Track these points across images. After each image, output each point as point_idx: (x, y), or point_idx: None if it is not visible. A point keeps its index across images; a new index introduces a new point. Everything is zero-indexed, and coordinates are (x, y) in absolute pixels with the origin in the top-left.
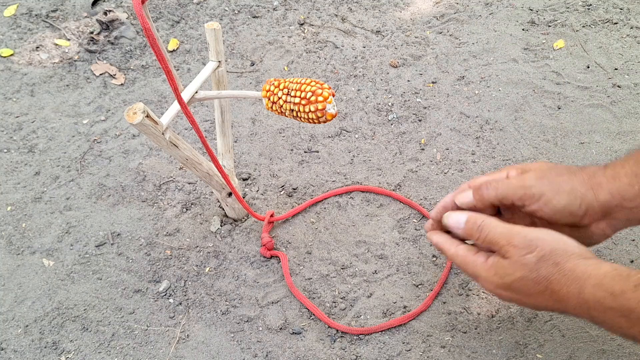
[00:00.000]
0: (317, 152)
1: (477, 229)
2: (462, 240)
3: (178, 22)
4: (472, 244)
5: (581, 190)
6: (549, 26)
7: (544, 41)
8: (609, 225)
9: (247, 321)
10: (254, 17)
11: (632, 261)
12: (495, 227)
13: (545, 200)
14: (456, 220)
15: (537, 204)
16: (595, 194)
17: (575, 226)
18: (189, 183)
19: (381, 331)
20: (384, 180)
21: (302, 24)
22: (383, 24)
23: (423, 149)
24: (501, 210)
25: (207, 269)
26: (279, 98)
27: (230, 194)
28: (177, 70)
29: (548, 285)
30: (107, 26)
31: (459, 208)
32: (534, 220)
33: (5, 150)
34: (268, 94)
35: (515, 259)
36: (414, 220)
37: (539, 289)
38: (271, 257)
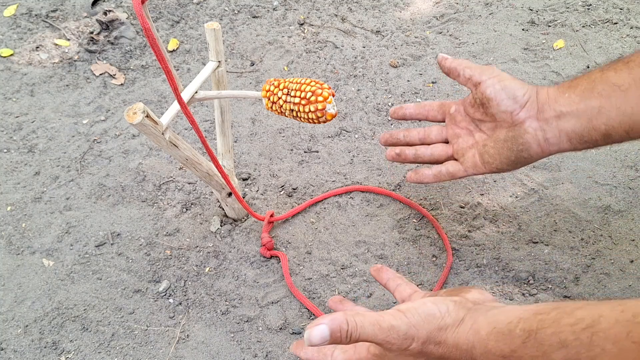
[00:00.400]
0: (317, 152)
1: (347, 336)
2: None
3: (178, 22)
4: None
5: (529, 86)
6: (549, 26)
7: (543, 41)
8: (541, 129)
9: (247, 321)
10: (253, 17)
11: (632, 261)
12: (363, 328)
13: (501, 77)
14: (320, 333)
15: (493, 79)
16: (537, 93)
17: (512, 124)
18: (189, 183)
19: None
20: (383, 180)
21: (302, 24)
22: (383, 24)
23: None
24: (447, 117)
25: (207, 269)
26: (279, 98)
27: (230, 194)
28: (177, 70)
29: (442, 356)
30: (107, 26)
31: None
32: (475, 122)
33: (5, 150)
34: (268, 94)
35: (398, 352)
36: (414, 220)
37: None
38: (271, 257)
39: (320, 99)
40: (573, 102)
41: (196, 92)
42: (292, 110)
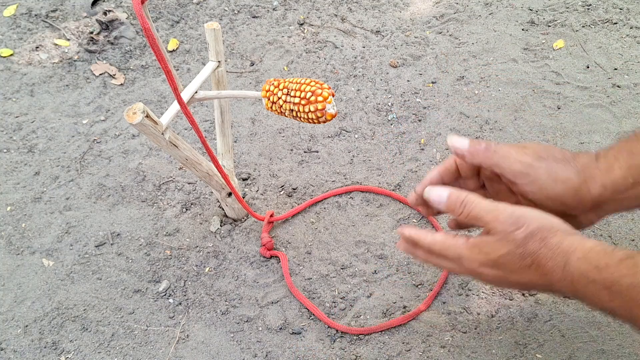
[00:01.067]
0: (317, 152)
1: (461, 204)
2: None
3: (178, 22)
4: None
5: (576, 182)
6: (549, 26)
7: (543, 41)
8: (597, 215)
9: (247, 321)
10: (253, 17)
11: None
12: (479, 203)
13: (540, 185)
14: (438, 194)
15: (530, 186)
16: (588, 188)
17: (564, 215)
18: (189, 183)
19: (381, 331)
20: (383, 180)
21: (301, 24)
22: (383, 24)
23: (423, 149)
24: (485, 184)
25: (207, 269)
26: (279, 98)
27: (230, 194)
28: (177, 70)
29: (534, 260)
30: (107, 26)
31: (444, 184)
32: (519, 199)
33: (5, 150)
34: (268, 94)
35: (501, 235)
36: (414, 220)
37: (524, 263)
38: (271, 257)
39: (320, 99)
40: (637, 182)
41: (196, 92)
42: (292, 110)
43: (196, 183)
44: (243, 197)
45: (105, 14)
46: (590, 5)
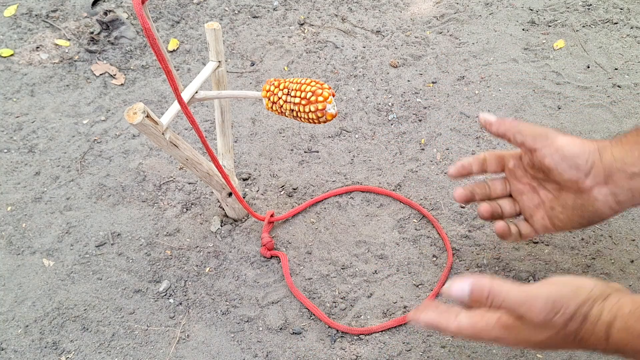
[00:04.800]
0: (317, 152)
1: (487, 298)
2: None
3: (178, 22)
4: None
5: (589, 147)
6: (549, 26)
7: (544, 41)
8: (612, 193)
9: (247, 321)
10: (254, 17)
11: (632, 261)
12: (508, 293)
13: (557, 145)
14: (460, 288)
15: (549, 148)
16: (600, 155)
17: (579, 191)
18: (189, 183)
19: (381, 331)
20: (384, 180)
21: (302, 24)
22: (383, 24)
23: (423, 149)
24: (510, 183)
25: (207, 269)
26: (279, 98)
27: (230, 194)
28: (177, 70)
29: (576, 337)
30: (107, 26)
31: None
32: (538, 180)
33: (5, 150)
34: (268, 94)
35: (540, 324)
36: (414, 220)
37: (568, 340)
38: (271, 257)
39: (320, 99)
40: None
41: (196, 92)
42: (293, 110)
43: (196, 183)
44: (243, 197)
45: (105, 14)
46: (590, 5)
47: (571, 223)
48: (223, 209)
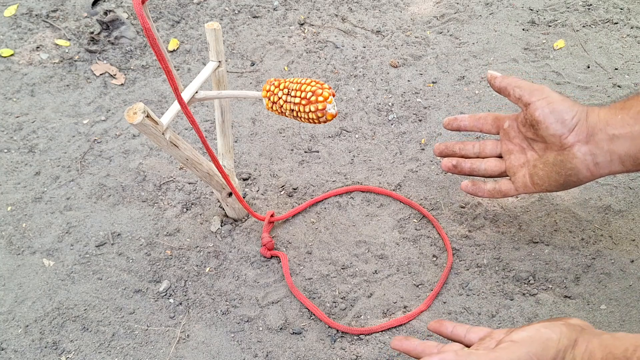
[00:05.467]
0: (318, 152)
1: None
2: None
3: (178, 22)
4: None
5: (579, 107)
6: (549, 26)
7: (544, 41)
8: (591, 153)
9: (248, 321)
10: (254, 17)
11: (632, 261)
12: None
13: (550, 99)
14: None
15: (542, 101)
16: (587, 115)
17: (561, 147)
18: (189, 183)
19: (381, 331)
20: (384, 180)
21: (302, 24)
22: (383, 24)
23: (423, 149)
24: (502, 142)
25: (208, 269)
26: (279, 98)
27: (230, 194)
28: (177, 70)
29: None
30: (107, 26)
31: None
32: (528, 140)
33: (5, 150)
34: (268, 94)
35: None
36: (414, 220)
37: None
38: (271, 257)
39: (320, 99)
40: (627, 124)
41: (196, 92)
42: (293, 110)
43: (197, 183)
44: (243, 197)
45: (105, 13)
46: (590, 5)
47: (549, 180)
48: (223, 209)
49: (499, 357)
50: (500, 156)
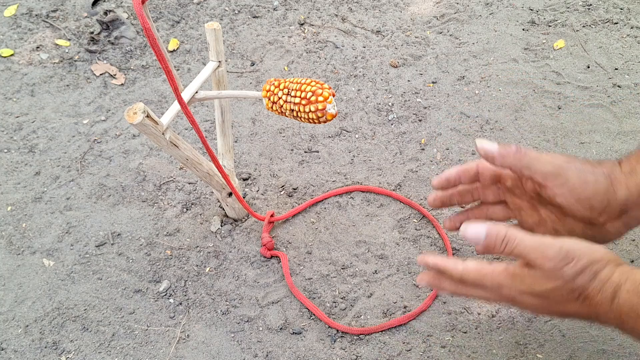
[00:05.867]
0: (317, 152)
1: (502, 242)
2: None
3: (178, 22)
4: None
5: (604, 184)
6: (549, 26)
7: (544, 41)
8: (624, 224)
9: (248, 321)
10: (254, 17)
11: (632, 261)
12: (523, 240)
13: (570, 186)
14: (475, 231)
15: (560, 188)
16: (615, 191)
17: (590, 223)
18: (189, 183)
19: (381, 331)
20: (384, 180)
21: (302, 24)
22: (383, 24)
23: (423, 149)
24: (507, 199)
25: (208, 269)
26: (279, 98)
27: (230, 194)
28: (177, 70)
29: (582, 293)
30: (107, 26)
31: (456, 185)
32: (541, 216)
33: (5, 150)
34: (268, 94)
35: (549, 271)
36: (414, 220)
37: (572, 296)
38: (271, 257)
39: (320, 99)
40: None
41: (196, 92)
42: (293, 110)
43: (196, 183)
44: (243, 197)
45: (105, 13)
46: (590, 5)
47: None
48: (223, 209)
49: (544, 238)
50: (503, 201)
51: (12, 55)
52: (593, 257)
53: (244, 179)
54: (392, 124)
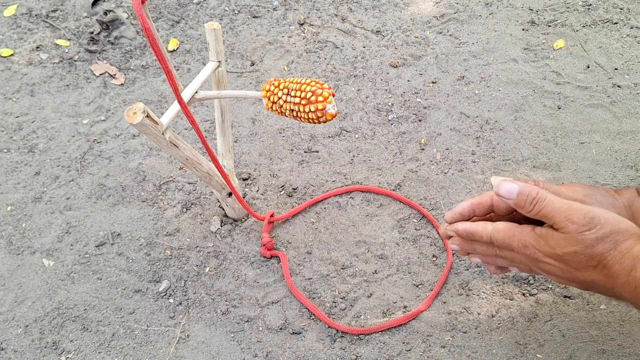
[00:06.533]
0: (317, 152)
1: (532, 201)
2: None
3: (178, 22)
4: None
5: (626, 215)
6: (549, 26)
7: (544, 41)
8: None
9: (247, 321)
10: (254, 17)
11: None
12: (552, 202)
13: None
14: (508, 189)
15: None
16: (637, 221)
17: None
18: (189, 183)
19: (381, 331)
20: (384, 180)
21: (302, 24)
22: (383, 24)
23: (423, 149)
24: (522, 221)
25: (207, 269)
26: (279, 98)
27: (230, 194)
28: (177, 70)
29: (601, 261)
30: (107, 26)
31: (470, 219)
32: None
33: (5, 150)
34: (268, 94)
35: (572, 234)
36: (414, 220)
37: (591, 264)
38: (271, 257)
39: (320, 99)
40: None
41: (196, 92)
42: (293, 110)
43: (196, 183)
44: (243, 197)
45: (105, 14)
46: (590, 5)
47: None
48: (223, 209)
49: (572, 202)
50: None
51: (12, 55)
52: (617, 227)
53: (244, 179)
54: (392, 124)
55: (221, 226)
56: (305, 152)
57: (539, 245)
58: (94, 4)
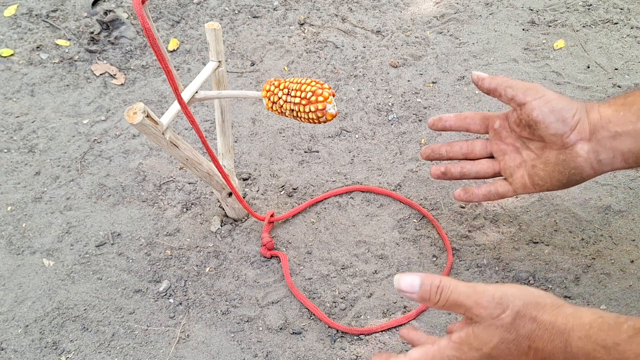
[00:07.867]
0: (317, 152)
1: (436, 291)
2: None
3: (178, 22)
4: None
5: (578, 104)
6: (549, 26)
7: (544, 41)
8: (594, 151)
9: (247, 321)
10: (254, 17)
11: (632, 261)
12: (457, 287)
13: (547, 98)
14: (409, 282)
15: (538, 101)
16: (587, 112)
17: (563, 146)
18: (189, 183)
19: (381, 331)
20: (384, 180)
21: (302, 24)
22: (383, 24)
23: None
24: (492, 143)
25: (207, 269)
26: (279, 98)
27: (230, 194)
28: (177, 70)
29: (531, 345)
30: (107, 26)
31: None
32: (522, 139)
33: (5, 150)
34: (268, 94)
35: (488, 322)
36: (414, 220)
37: (522, 350)
38: (271, 257)
39: (320, 99)
40: (629, 121)
41: (196, 92)
42: (293, 110)
43: (196, 183)
44: (243, 197)
45: (105, 13)
46: (590, 5)
47: (551, 180)
48: (223, 209)
49: (477, 286)
50: (491, 156)
51: (12, 55)
52: (526, 300)
53: (244, 179)
54: (392, 124)
55: (221, 226)
56: (305, 152)
57: (463, 351)
58: (94, 4)
